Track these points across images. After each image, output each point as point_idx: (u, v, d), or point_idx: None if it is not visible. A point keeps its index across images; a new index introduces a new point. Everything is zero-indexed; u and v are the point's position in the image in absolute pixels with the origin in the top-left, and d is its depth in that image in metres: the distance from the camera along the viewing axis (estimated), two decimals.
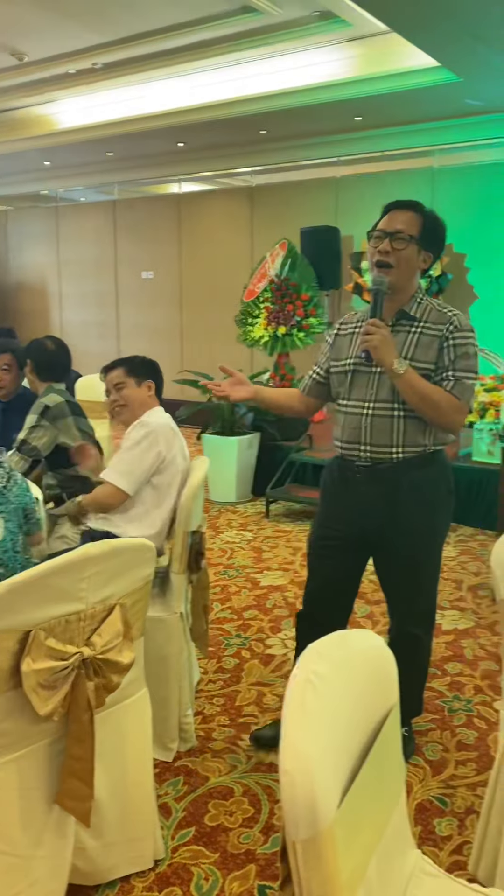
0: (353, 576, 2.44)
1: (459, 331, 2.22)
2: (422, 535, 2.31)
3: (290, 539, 4.80)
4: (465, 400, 2.22)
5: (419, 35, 4.88)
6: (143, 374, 2.69)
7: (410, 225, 2.24)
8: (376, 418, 2.25)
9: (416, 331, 2.25)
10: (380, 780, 1.22)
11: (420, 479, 2.27)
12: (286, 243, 7.18)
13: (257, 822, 2.18)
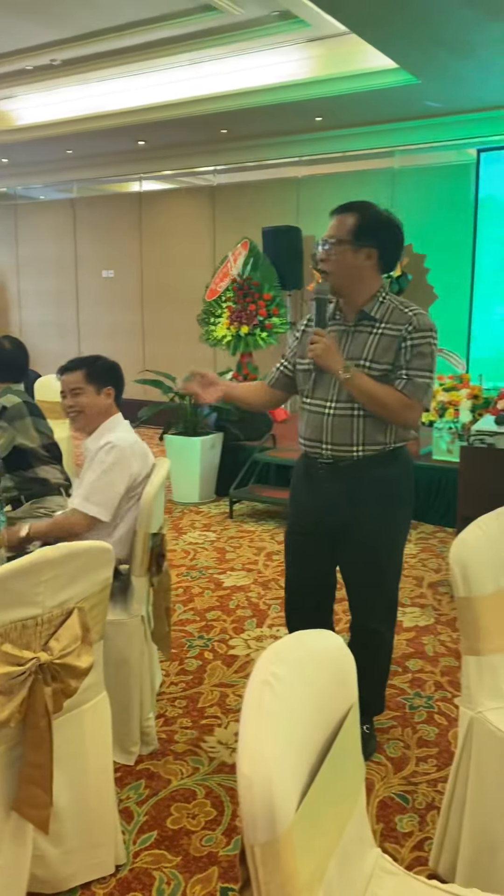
0: (326, 570, 2.48)
1: (418, 331, 2.25)
2: (383, 532, 2.36)
3: (253, 539, 4.80)
4: (416, 398, 2.26)
5: (377, 36, 4.91)
6: (104, 381, 2.57)
7: (340, 228, 2.26)
8: (337, 418, 2.29)
9: (378, 332, 2.28)
10: (339, 780, 1.22)
11: (381, 477, 2.32)
12: (248, 243, 7.18)
13: (220, 824, 2.17)
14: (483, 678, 1.87)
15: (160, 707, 2.78)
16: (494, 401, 4.69)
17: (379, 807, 2.25)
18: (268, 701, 1.07)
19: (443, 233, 7.14)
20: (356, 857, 1.30)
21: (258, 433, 5.83)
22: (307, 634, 1.28)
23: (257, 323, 7.08)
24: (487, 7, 4.34)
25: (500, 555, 1.90)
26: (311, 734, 1.17)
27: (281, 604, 3.74)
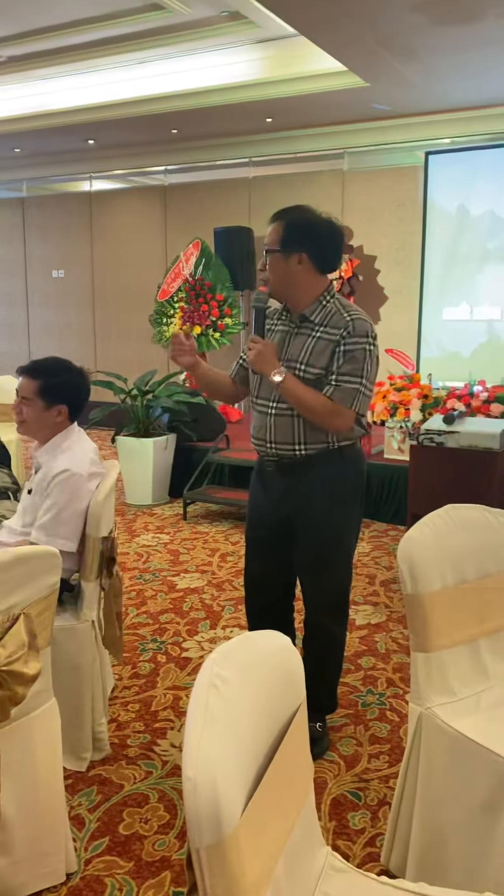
0: (282, 565, 2.51)
1: (352, 336, 2.26)
2: (329, 529, 2.39)
3: (207, 540, 4.78)
4: (345, 404, 2.27)
5: (325, 39, 4.95)
6: (57, 399, 2.42)
7: (271, 237, 2.31)
8: (279, 417, 2.34)
9: (315, 335, 2.31)
10: (287, 780, 1.23)
11: (326, 474, 2.36)
12: (199, 243, 7.18)
13: (173, 827, 2.16)
14: (431, 674, 1.89)
15: (112, 712, 2.76)
16: (444, 400, 4.77)
17: (332, 805, 2.27)
18: (213, 703, 1.07)
19: (393, 234, 7.23)
20: (305, 856, 1.30)
21: (212, 434, 5.82)
22: (255, 636, 1.28)
23: (210, 323, 7.07)
24: (432, 13, 4.41)
25: (446, 552, 1.93)
26: (258, 735, 1.17)
27: (235, 604, 3.74)
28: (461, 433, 3.76)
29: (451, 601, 1.93)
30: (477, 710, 1.88)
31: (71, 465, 2.38)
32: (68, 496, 2.36)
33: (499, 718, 1.86)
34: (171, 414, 5.64)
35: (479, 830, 1.73)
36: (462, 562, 1.95)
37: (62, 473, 2.37)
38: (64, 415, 2.47)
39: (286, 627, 2.60)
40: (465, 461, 3.74)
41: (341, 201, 7.46)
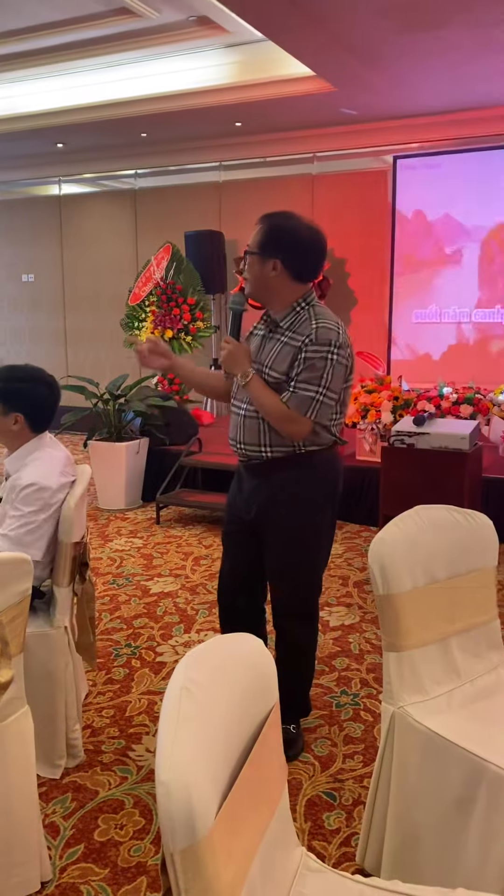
0: (252, 564, 2.52)
1: (314, 344, 2.25)
2: (293, 532, 2.39)
3: (181, 544, 4.78)
4: (300, 411, 2.26)
5: (292, 43, 4.98)
6: (13, 406, 2.38)
7: (252, 239, 2.34)
8: (247, 419, 2.38)
9: (283, 340, 2.33)
10: (260, 781, 1.23)
11: (292, 478, 2.36)
12: (170, 247, 7.17)
13: (149, 833, 2.16)
14: (403, 673, 1.91)
15: (87, 718, 2.74)
16: (414, 402, 4.82)
17: (307, 806, 2.28)
18: (186, 707, 1.07)
19: (362, 237, 7.29)
20: (280, 857, 1.31)
21: (184, 437, 5.82)
22: (227, 639, 1.29)
23: (182, 327, 7.07)
24: (397, 19, 4.46)
25: (417, 552, 1.95)
26: (231, 737, 1.18)
27: (209, 608, 3.74)
28: (431, 434, 3.80)
29: (422, 601, 1.95)
30: (449, 709, 1.90)
31: (38, 478, 2.34)
32: (35, 509, 2.33)
33: (470, 716, 1.88)
34: (144, 418, 5.63)
35: (451, 827, 1.75)
36: (432, 562, 1.98)
37: (28, 487, 2.33)
38: (21, 423, 2.40)
39: (257, 629, 2.58)
40: (436, 462, 3.78)
41: (311, 205, 7.50)
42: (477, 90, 5.85)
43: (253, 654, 1.31)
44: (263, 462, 2.37)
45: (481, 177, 6.62)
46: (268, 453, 2.35)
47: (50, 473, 2.37)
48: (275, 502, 2.37)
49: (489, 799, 1.67)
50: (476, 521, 2.07)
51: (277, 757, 1.33)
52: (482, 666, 2.06)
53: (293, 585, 2.46)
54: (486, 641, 2.09)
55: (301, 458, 2.35)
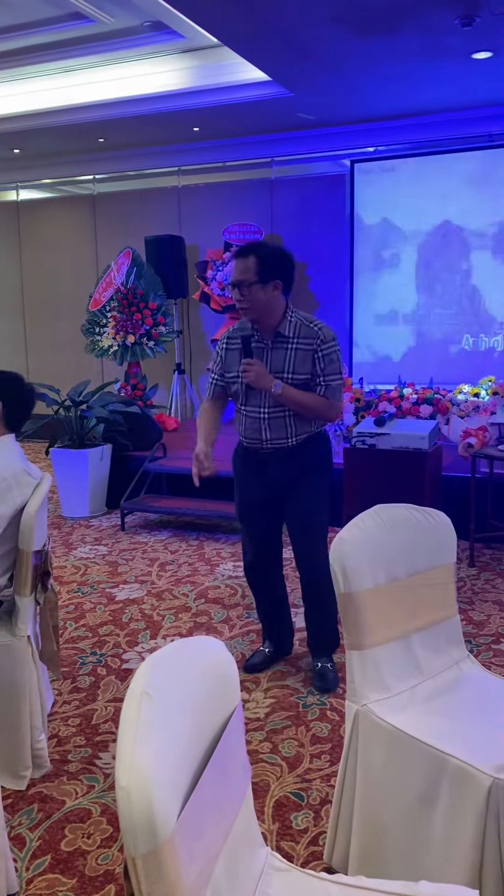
0: (274, 529, 3.05)
1: (325, 342, 2.77)
2: (313, 495, 2.93)
3: (146, 550, 4.76)
4: (335, 398, 2.82)
5: (248, 49, 5.01)
6: None
7: (247, 271, 2.70)
8: (273, 420, 2.81)
9: (292, 347, 2.77)
10: (223, 783, 1.24)
11: (310, 454, 2.88)
12: (131, 252, 7.15)
13: (116, 840, 2.15)
14: (367, 671, 1.93)
15: (53, 727, 2.72)
16: (375, 403, 4.87)
17: (275, 807, 2.28)
18: (146, 711, 1.07)
19: (322, 241, 7.35)
20: (245, 857, 1.32)
21: (148, 443, 5.80)
22: (187, 642, 1.29)
23: (144, 332, 7.05)
24: (351, 25, 4.51)
25: (377, 551, 1.98)
26: (193, 741, 1.18)
27: (175, 613, 3.73)
28: (392, 435, 3.85)
29: (384, 599, 1.97)
30: (411, 705, 1.93)
31: None
32: None
33: (432, 711, 1.91)
34: (106, 424, 5.59)
35: (416, 822, 1.78)
36: (393, 560, 2.00)
37: None
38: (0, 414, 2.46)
39: (280, 578, 3.18)
40: (397, 462, 3.83)
41: (270, 209, 7.54)
42: (430, 95, 5.94)
43: (213, 655, 1.31)
44: (289, 449, 2.84)
45: (437, 180, 6.72)
46: (293, 441, 2.83)
47: (8, 468, 2.37)
48: (301, 473, 2.87)
49: (451, 792, 1.70)
50: (435, 519, 2.10)
51: (240, 757, 1.34)
52: (443, 661, 2.09)
53: (317, 534, 2.94)
54: (446, 637, 2.12)
55: (313, 437, 2.88)
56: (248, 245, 2.79)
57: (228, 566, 4.39)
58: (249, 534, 3.08)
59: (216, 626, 3.59)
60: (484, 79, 5.56)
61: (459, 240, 6.72)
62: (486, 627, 3.51)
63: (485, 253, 6.63)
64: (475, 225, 6.64)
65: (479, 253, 6.65)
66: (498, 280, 6.58)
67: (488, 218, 6.57)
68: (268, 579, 3.15)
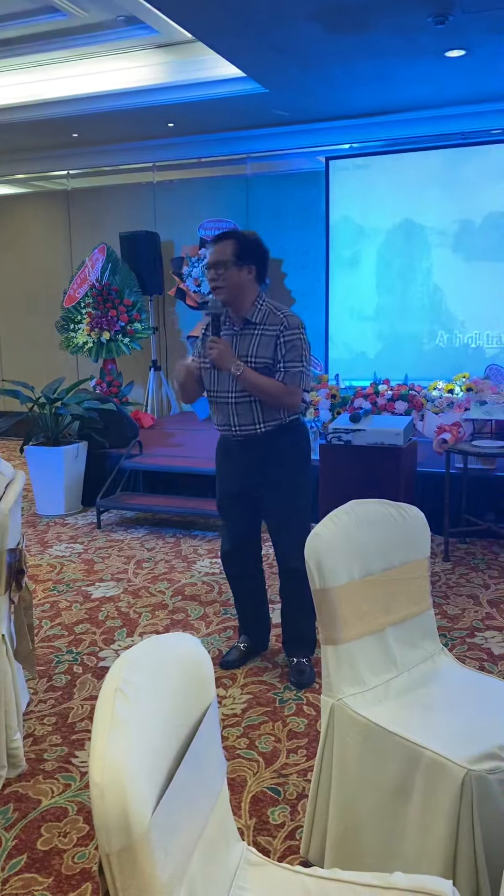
0: (252, 523, 3.09)
1: (288, 329, 2.80)
2: (290, 488, 2.93)
3: (122, 548, 4.74)
4: (294, 384, 2.81)
5: (223, 45, 5.00)
6: None
7: (224, 253, 2.77)
8: (239, 404, 2.83)
9: (258, 333, 2.81)
10: (198, 779, 1.24)
11: (283, 444, 2.88)
12: (105, 248, 7.11)
13: (93, 838, 2.14)
14: (342, 666, 1.94)
15: (28, 727, 2.70)
16: (351, 399, 4.89)
17: (252, 802, 2.29)
18: (120, 709, 1.07)
19: (297, 238, 7.36)
20: (220, 852, 1.32)
21: (124, 440, 5.77)
22: (162, 639, 1.29)
23: (119, 329, 7.01)
24: (326, 22, 4.52)
25: (352, 546, 1.99)
26: (168, 737, 1.18)
27: (152, 611, 3.73)
28: (367, 431, 3.87)
29: (359, 594, 1.98)
30: (386, 698, 1.94)
31: None
32: None
33: (407, 705, 1.92)
34: (82, 421, 5.56)
35: (391, 814, 1.79)
36: (367, 555, 2.01)
37: None
38: None
39: (258, 573, 3.20)
40: (373, 458, 3.85)
41: (246, 205, 7.54)
42: (404, 92, 5.96)
43: (188, 652, 1.32)
44: (259, 436, 2.85)
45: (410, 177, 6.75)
46: (261, 428, 2.84)
47: None
48: (273, 466, 2.87)
49: (426, 784, 1.71)
50: (409, 514, 2.12)
51: (215, 753, 1.34)
52: (418, 655, 2.11)
53: (295, 527, 2.88)
54: (420, 631, 2.14)
55: (286, 427, 2.88)
56: (226, 231, 2.89)
57: (205, 563, 4.39)
58: (227, 525, 3.12)
59: (193, 623, 3.59)
60: (457, 77, 5.59)
61: (430, 237, 6.76)
62: (461, 621, 3.54)
63: (463, 250, 6.67)
64: (445, 222, 6.68)
65: (453, 251, 6.70)
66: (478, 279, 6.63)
67: (462, 214, 6.62)
68: (246, 573, 3.16)
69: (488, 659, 3.16)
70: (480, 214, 6.56)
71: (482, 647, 3.27)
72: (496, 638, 3.35)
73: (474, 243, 6.62)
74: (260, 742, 2.60)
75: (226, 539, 3.15)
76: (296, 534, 2.90)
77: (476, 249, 6.61)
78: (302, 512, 2.99)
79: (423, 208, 6.74)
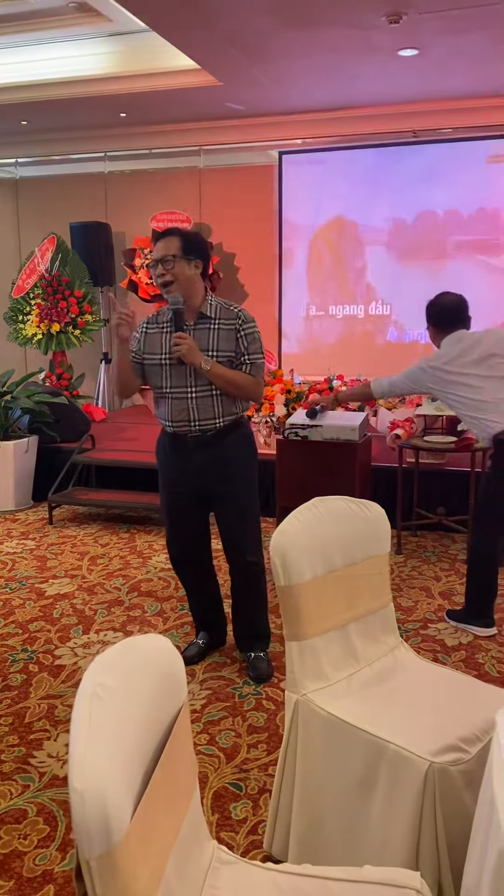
0: (203, 524, 3.05)
1: (246, 322, 2.85)
2: (244, 481, 2.95)
3: (76, 544, 4.68)
4: (260, 376, 2.88)
5: (176, 35, 4.94)
6: None
7: (170, 247, 2.77)
8: (200, 399, 2.81)
9: (215, 327, 2.81)
10: (173, 780, 1.24)
11: (236, 439, 2.91)
12: (55, 238, 6.99)
13: (54, 840, 2.12)
14: (305, 661, 1.96)
15: None
16: (305, 395, 4.92)
17: (213, 798, 2.30)
18: (97, 712, 1.06)
19: (250, 232, 7.35)
20: (193, 852, 1.32)
21: (75, 434, 5.70)
22: (134, 641, 1.28)
23: (69, 320, 6.91)
24: (280, 16, 4.51)
25: (316, 543, 2.01)
26: (143, 739, 1.18)
27: (108, 607, 3.69)
28: (324, 427, 3.90)
29: (322, 590, 2.00)
30: (349, 693, 1.97)
31: None
32: None
33: (369, 698, 1.95)
34: (32, 415, 5.47)
35: (355, 808, 1.82)
36: (330, 551, 2.04)
37: None
38: None
39: (212, 569, 3.19)
40: (329, 453, 3.88)
41: (199, 198, 7.49)
42: (357, 89, 6.01)
43: (160, 652, 1.31)
44: (216, 432, 2.84)
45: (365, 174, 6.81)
46: (220, 423, 2.84)
47: None
48: (230, 461, 2.87)
49: (389, 777, 1.74)
50: (370, 510, 2.15)
51: (188, 754, 1.34)
52: (379, 649, 2.14)
53: (251, 525, 2.97)
54: (381, 625, 2.18)
55: (237, 422, 2.91)
56: (169, 228, 2.91)
57: (161, 558, 4.37)
58: (176, 531, 3.05)
59: (150, 619, 3.57)
60: (409, 76, 5.66)
61: (373, 232, 6.85)
62: (414, 613, 3.61)
63: (396, 248, 6.77)
64: (377, 220, 6.77)
65: (388, 249, 6.79)
66: (416, 277, 6.73)
67: (415, 210, 6.71)
68: (200, 574, 3.15)
69: (441, 650, 3.23)
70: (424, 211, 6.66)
71: (436, 639, 3.33)
72: (448, 629, 3.42)
73: (406, 241, 6.73)
74: (220, 738, 2.61)
75: (176, 542, 3.07)
76: (252, 528, 3.00)
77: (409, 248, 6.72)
78: (255, 506, 3.02)
79: (360, 204, 6.81)
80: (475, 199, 6.53)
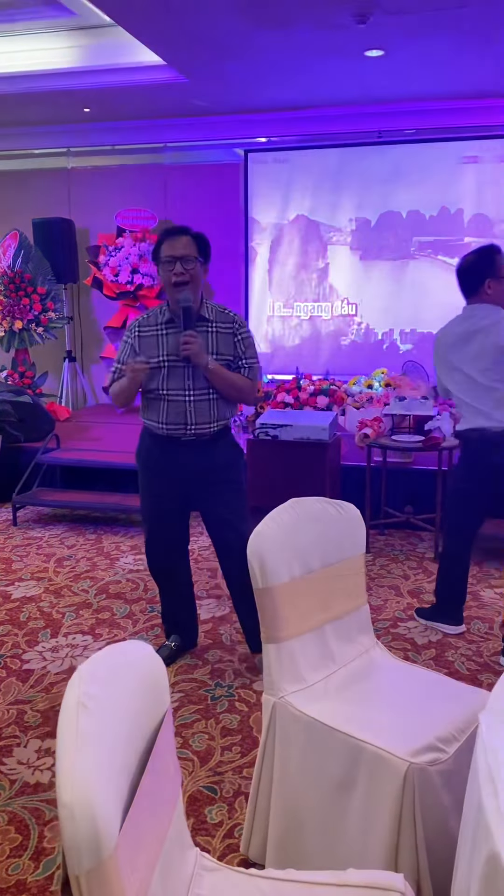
0: (184, 528, 3.05)
1: (242, 327, 2.88)
2: (239, 486, 2.96)
3: (41, 546, 4.61)
4: (256, 379, 2.91)
5: (143, 31, 4.89)
6: None
7: (191, 247, 2.76)
8: (197, 402, 2.80)
9: (213, 330, 2.82)
10: (158, 789, 1.22)
11: (228, 442, 2.93)
12: (17, 234, 6.88)
13: (27, 849, 2.08)
14: (283, 664, 1.95)
15: None
16: (274, 394, 4.92)
17: (189, 802, 2.28)
18: (84, 723, 1.04)
19: (216, 229, 7.29)
20: (177, 861, 1.30)
21: (40, 434, 5.61)
22: (116, 648, 1.26)
23: (32, 318, 6.80)
24: (247, 14, 4.49)
25: (293, 544, 2.00)
26: (129, 748, 1.16)
27: (76, 610, 3.65)
28: (294, 426, 3.90)
29: (299, 591, 2.00)
30: (326, 695, 1.97)
31: None
32: None
33: (346, 699, 1.95)
34: None
35: (333, 809, 1.82)
36: (308, 553, 2.03)
37: None
38: None
39: (188, 578, 3.16)
40: (299, 453, 3.89)
41: (164, 195, 7.44)
42: (323, 89, 6.02)
43: (144, 660, 1.29)
44: (209, 436, 2.84)
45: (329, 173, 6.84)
46: (214, 427, 2.84)
47: None
48: (222, 464, 2.88)
49: (368, 779, 1.74)
50: (346, 511, 2.15)
51: (172, 762, 1.32)
52: (355, 650, 2.15)
53: (243, 527, 2.79)
54: (357, 626, 2.18)
55: (227, 429, 2.91)
56: (182, 226, 2.87)
57: (129, 559, 4.33)
58: (158, 537, 3.02)
59: (119, 621, 3.53)
60: (375, 76, 5.68)
61: (336, 232, 6.88)
62: (384, 612, 3.63)
63: (360, 248, 6.81)
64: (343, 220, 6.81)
65: (341, 247, 6.83)
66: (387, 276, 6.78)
67: (379, 210, 6.75)
68: (178, 577, 3.13)
69: (412, 649, 3.25)
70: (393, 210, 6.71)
71: (406, 637, 3.36)
72: (418, 628, 3.45)
73: (369, 241, 6.78)
74: (194, 740, 2.59)
75: (160, 550, 3.04)
76: (247, 530, 2.92)
77: (373, 248, 6.77)
78: (246, 509, 3.00)
79: (324, 203, 6.84)
80: (438, 200, 6.60)
